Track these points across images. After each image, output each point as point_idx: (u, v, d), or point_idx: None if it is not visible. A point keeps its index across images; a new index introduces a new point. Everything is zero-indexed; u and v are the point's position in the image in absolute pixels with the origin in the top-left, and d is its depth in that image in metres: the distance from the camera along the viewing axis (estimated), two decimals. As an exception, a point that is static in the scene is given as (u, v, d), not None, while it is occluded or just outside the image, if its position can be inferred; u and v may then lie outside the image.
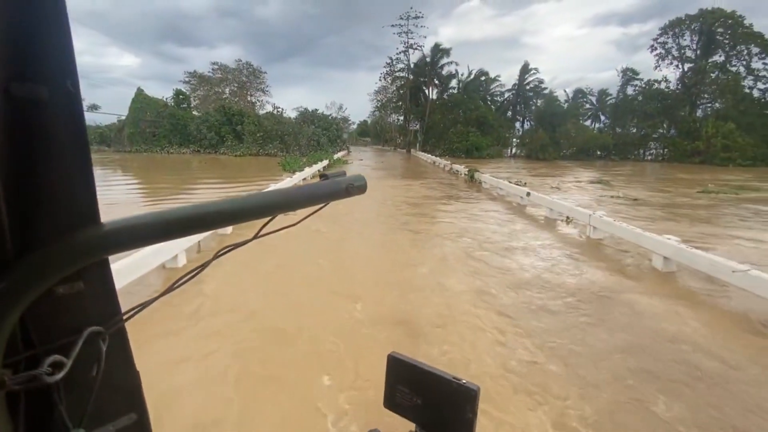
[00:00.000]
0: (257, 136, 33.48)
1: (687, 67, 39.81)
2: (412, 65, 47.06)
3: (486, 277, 4.95)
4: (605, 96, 46.81)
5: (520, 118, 48.87)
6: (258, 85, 47.59)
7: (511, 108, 48.66)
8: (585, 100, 48.67)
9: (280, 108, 39.29)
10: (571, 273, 5.22)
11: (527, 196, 9.91)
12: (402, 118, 51.60)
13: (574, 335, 3.49)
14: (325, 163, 21.40)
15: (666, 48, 40.74)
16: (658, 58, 41.20)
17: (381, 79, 51.96)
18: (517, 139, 45.52)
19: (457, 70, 46.15)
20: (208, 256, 0.44)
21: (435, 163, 25.94)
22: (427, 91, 47.30)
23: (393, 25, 45.43)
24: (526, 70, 46.49)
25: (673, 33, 40.14)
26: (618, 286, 4.79)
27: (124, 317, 0.44)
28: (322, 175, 0.57)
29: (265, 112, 39.40)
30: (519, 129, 48.01)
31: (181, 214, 0.42)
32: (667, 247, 5.17)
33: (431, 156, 30.39)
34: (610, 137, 41.33)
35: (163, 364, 2.90)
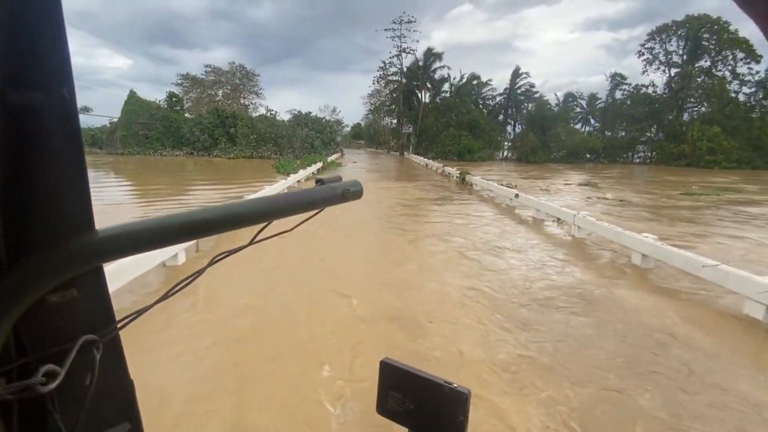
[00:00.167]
0: (251, 138, 33.55)
1: (674, 72, 40.69)
2: (405, 69, 47.50)
3: (476, 273, 5.18)
4: (595, 100, 47.68)
5: (511, 122, 49.57)
6: (251, 88, 47.66)
7: (502, 112, 49.30)
8: (575, 103, 49.51)
9: (273, 111, 39.46)
10: (556, 269, 5.48)
11: (516, 197, 10.21)
12: (395, 121, 51.95)
13: (557, 325, 3.74)
14: (319, 165, 21.58)
15: (653, 53, 41.62)
16: (645, 63, 42.09)
17: (374, 83, 52.40)
18: (508, 143, 46.12)
19: (449, 74, 46.72)
20: (207, 255, 0.57)
21: (428, 165, 26.25)
22: (420, 94, 47.74)
23: (386, 29, 45.89)
24: (517, 74, 47.17)
25: (660, 39, 41.01)
26: (599, 281, 5.05)
27: (119, 325, 0.44)
28: (318, 180, 0.58)
29: (258, 115, 39.49)
30: (510, 132, 48.69)
31: (176, 221, 0.42)
32: (645, 244, 5.45)
33: (424, 159, 30.73)
34: (599, 141, 42.07)
35: (164, 355, 3.08)
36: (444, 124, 42.06)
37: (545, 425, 2.40)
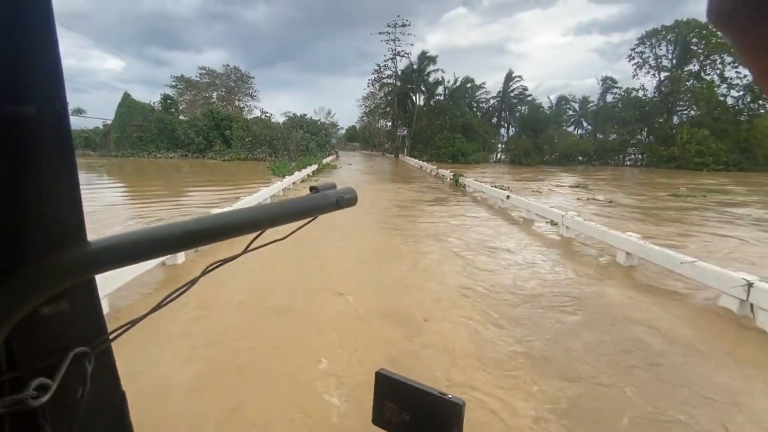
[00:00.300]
0: (246, 141, 33.64)
1: (663, 75, 41.45)
2: (400, 72, 47.85)
3: (469, 271, 5.37)
4: (587, 103, 48.38)
5: (505, 125, 50.13)
6: (246, 90, 47.81)
7: (496, 114, 49.85)
8: (568, 106, 50.24)
9: (268, 113, 39.60)
10: (545, 267, 5.68)
11: (507, 198, 10.44)
12: (390, 123, 52.28)
13: (546, 321, 3.93)
14: (315, 167, 21.72)
15: (643, 57, 42.39)
16: (636, 67, 42.86)
17: (369, 86, 52.78)
18: (502, 145, 46.63)
19: (443, 77, 47.22)
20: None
21: (422, 168, 26.50)
22: (414, 97, 48.17)
23: (381, 33, 46.22)
24: (510, 77, 47.79)
25: (650, 43, 41.80)
26: (585, 278, 5.26)
27: (111, 337, 0.44)
28: (312, 188, 0.58)
29: (253, 117, 39.59)
30: (504, 135, 49.24)
31: (169, 231, 0.41)
32: (628, 243, 5.68)
33: (419, 161, 31.00)
34: (591, 143, 42.69)
35: (164, 348, 3.22)
36: (438, 126, 42.44)
37: (537, 415, 2.53)
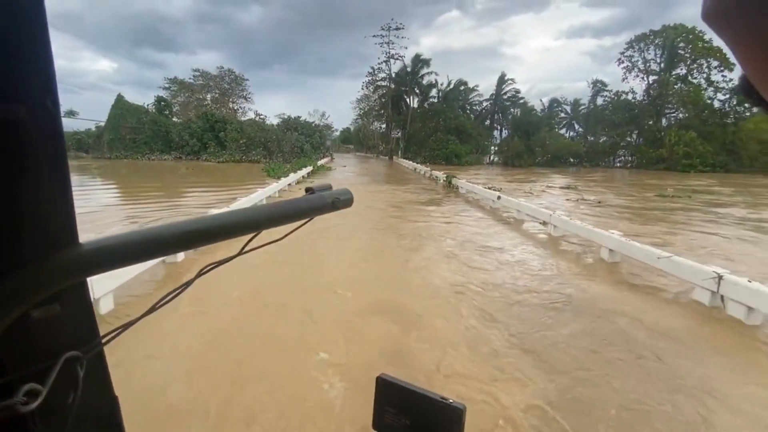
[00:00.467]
0: (240, 142, 33.68)
1: (652, 79, 42.23)
2: (394, 75, 48.22)
3: (462, 269, 5.61)
4: (578, 106, 49.12)
5: (498, 127, 50.69)
6: (240, 92, 47.88)
7: (489, 117, 50.41)
8: (560, 109, 50.94)
9: (262, 115, 39.69)
10: (534, 263, 5.94)
11: (498, 199, 10.72)
12: (384, 126, 52.60)
13: (534, 312, 4.18)
14: (309, 169, 21.89)
15: (632, 61, 43.15)
16: (625, 71, 43.59)
17: (363, 88, 53.02)
18: (495, 147, 47.16)
19: (436, 80, 47.64)
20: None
21: (416, 169, 26.78)
22: (408, 99, 48.53)
23: (375, 36, 46.61)
24: (502, 80, 48.38)
25: (639, 47, 42.57)
26: (572, 273, 5.52)
27: (103, 341, 0.43)
28: (308, 189, 0.58)
29: (247, 119, 39.65)
30: (497, 137, 49.80)
31: (163, 232, 0.41)
32: (611, 240, 5.96)
33: (413, 163, 31.28)
34: (582, 145, 43.36)
35: (166, 341, 3.41)
36: (432, 129, 42.85)
37: (530, 405, 2.67)
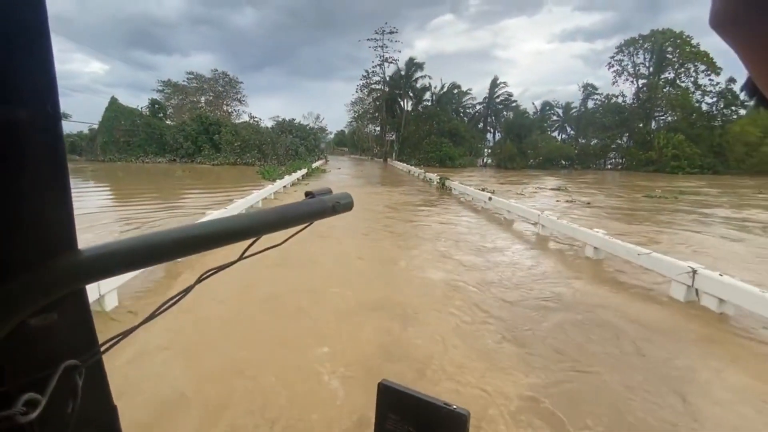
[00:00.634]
0: (235, 145, 33.72)
1: (641, 82, 42.97)
2: (388, 78, 48.57)
3: (455, 267, 5.84)
4: (570, 109, 49.82)
5: (491, 130, 51.29)
6: (234, 95, 47.88)
7: (482, 120, 50.96)
8: (552, 112, 51.61)
9: (256, 118, 39.76)
10: (523, 260, 6.20)
11: (489, 200, 11.00)
12: (378, 128, 52.88)
13: (524, 305, 4.42)
14: (304, 171, 22.06)
15: (622, 65, 43.89)
16: (615, 75, 44.31)
17: (358, 91, 53.27)
18: (488, 149, 47.66)
19: (430, 83, 48.06)
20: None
21: (410, 171, 27.06)
22: (402, 102, 48.88)
23: (369, 39, 46.91)
24: (495, 83, 49.00)
25: (628, 51, 43.33)
26: (558, 270, 5.78)
27: (102, 349, 0.42)
28: (308, 193, 0.57)
29: (241, 122, 39.69)
30: (490, 140, 50.36)
31: (163, 238, 0.40)
32: (596, 238, 6.23)
33: (407, 165, 31.59)
34: (573, 148, 44.01)
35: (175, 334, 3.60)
36: (426, 131, 43.22)
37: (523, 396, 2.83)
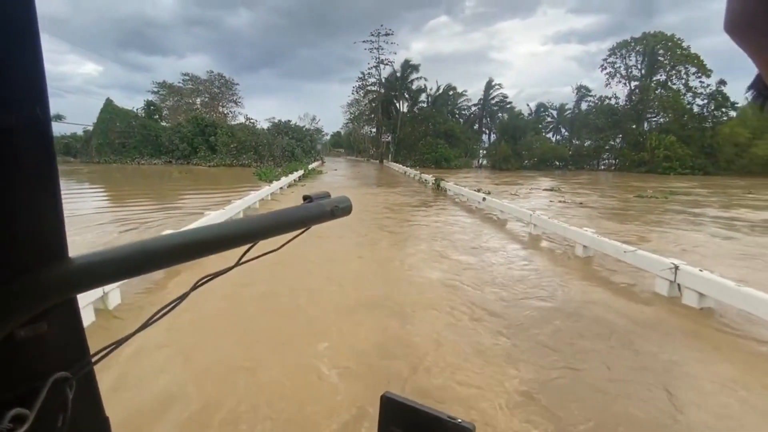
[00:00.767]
0: (231, 147, 33.76)
1: (633, 84, 43.54)
2: (384, 80, 48.85)
3: (450, 265, 6.00)
4: (564, 110, 50.35)
5: (486, 131, 51.68)
6: (230, 96, 47.87)
7: (477, 121, 51.36)
8: (547, 113, 52.15)
9: (252, 119, 39.81)
10: (516, 260, 6.37)
11: (483, 200, 11.20)
12: (374, 130, 53.12)
13: (516, 301, 4.58)
14: (301, 173, 22.17)
15: (615, 67, 44.49)
16: (608, 77, 44.89)
17: (354, 93, 53.54)
18: (484, 151, 48.04)
19: (425, 85, 48.44)
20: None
21: (406, 173, 27.26)
22: (398, 104, 49.18)
23: (364, 41, 47.24)
24: (490, 85, 49.49)
25: (621, 54, 43.91)
26: (549, 267, 5.96)
27: (93, 360, 0.41)
28: (306, 197, 0.56)
29: (237, 123, 39.73)
30: (486, 141, 50.74)
31: (157, 245, 0.39)
32: (585, 237, 6.42)
33: (403, 166, 31.84)
34: (567, 149, 44.48)
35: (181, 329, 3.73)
36: (422, 133, 43.52)
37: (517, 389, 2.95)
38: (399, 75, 47.78)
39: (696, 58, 40.35)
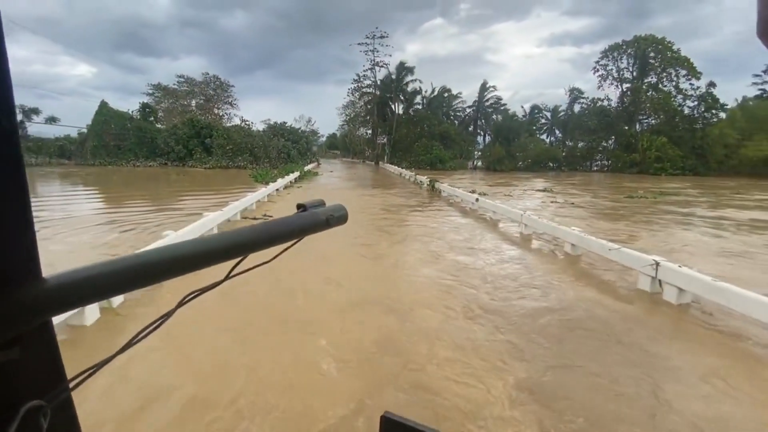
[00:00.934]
0: (227, 149, 33.80)
1: (625, 86, 44.15)
2: (379, 82, 49.14)
3: (445, 264, 6.20)
4: (558, 112, 50.91)
5: (481, 133, 52.12)
6: (226, 98, 47.89)
7: (472, 123, 51.79)
8: (541, 115, 52.70)
9: (248, 121, 39.86)
10: (507, 258, 6.57)
11: (476, 201, 11.42)
12: (370, 131, 53.36)
13: (506, 297, 4.78)
14: (296, 174, 22.30)
15: (607, 70, 45.10)
16: (600, 79, 45.48)
17: (349, 94, 53.78)
18: (478, 152, 48.42)
19: (420, 87, 48.78)
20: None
21: (402, 174, 27.47)
22: (393, 106, 49.47)
23: (360, 43, 47.51)
24: (484, 88, 49.96)
25: (613, 56, 44.52)
26: (539, 265, 6.17)
27: (70, 386, 0.37)
28: (299, 206, 0.55)
29: (233, 125, 39.76)
30: (480, 143, 51.19)
31: (139, 262, 0.36)
32: (573, 236, 6.64)
33: (398, 168, 32.08)
34: (560, 150, 44.99)
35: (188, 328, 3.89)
36: (417, 134, 43.82)
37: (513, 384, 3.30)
38: (394, 77, 48.11)
39: (686, 60, 41.02)
